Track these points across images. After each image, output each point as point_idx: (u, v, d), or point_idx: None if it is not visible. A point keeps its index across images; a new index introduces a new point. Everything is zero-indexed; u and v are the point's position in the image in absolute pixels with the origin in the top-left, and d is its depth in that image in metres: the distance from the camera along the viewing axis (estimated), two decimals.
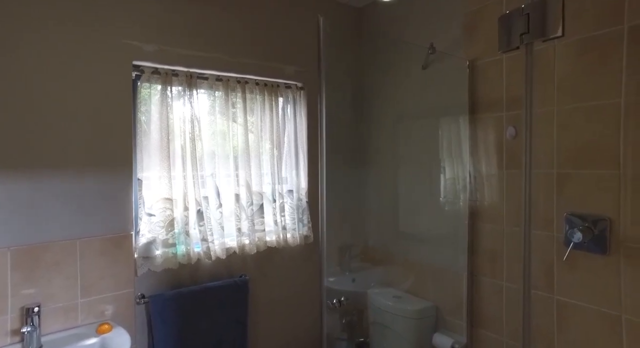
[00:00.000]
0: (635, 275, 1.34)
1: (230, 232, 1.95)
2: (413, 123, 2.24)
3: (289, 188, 2.17)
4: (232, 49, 1.94)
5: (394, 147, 2.36)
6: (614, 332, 1.40)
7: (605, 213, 1.40)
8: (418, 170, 2.21)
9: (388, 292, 2.16)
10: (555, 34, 0.72)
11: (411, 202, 2.26)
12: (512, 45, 0.80)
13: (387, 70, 2.32)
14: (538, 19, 0.71)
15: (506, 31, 0.80)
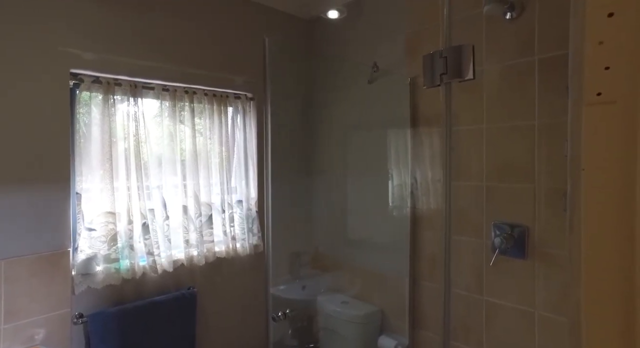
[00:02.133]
0: (546, 275, 1.52)
1: (177, 244, 1.92)
2: (361, 133, 2.34)
3: (238, 199, 2.18)
4: (179, 58, 1.91)
5: (343, 156, 2.44)
6: (530, 326, 1.57)
7: (524, 222, 1.57)
8: (366, 179, 2.31)
9: (337, 298, 2.24)
10: (468, 77, 0.82)
11: (359, 209, 2.36)
12: (434, 82, 0.88)
13: (335, 82, 2.40)
14: (454, 62, 0.79)
15: (429, 69, 0.88)
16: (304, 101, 2.53)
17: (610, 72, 0.42)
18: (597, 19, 0.43)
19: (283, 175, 2.34)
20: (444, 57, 0.81)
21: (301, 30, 2.50)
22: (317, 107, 2.53)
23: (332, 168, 2.50)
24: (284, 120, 2.39)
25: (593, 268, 0.43)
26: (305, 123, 2.54)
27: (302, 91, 2.52)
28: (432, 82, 0.86)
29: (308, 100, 2.54)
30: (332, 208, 2.49)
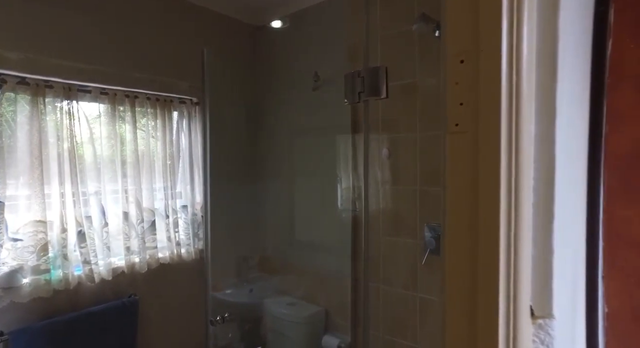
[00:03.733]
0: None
1: (118, 251, 1.87)
2: (307, 139, 2.41)
3: (183, 204, 2.16)
4: (120, 62, 1.87)
5: (290, 161, 2.49)
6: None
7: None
8: (312, 183, 2.38)
9: (283, 300, 2.29)
10: (382, 96, 0.90)
11: (306, 213, 2.42)
12: (354, 99, 0.95)
13: (282, 89, 2.45)
14: (371, 82, 0.87)
15: (350, 87, 0.95)
16: (251, 107, 2.55)
17: (463, 107, 0.51)
18: (453, 64, 0.51)
19: (229, 179, 2.35)
20: (362, 77, 0.89)
21: (248, 36, 2.53)
22: (264, 112, 2.56)
23: (279, 172, 2.55)
24: (229, 125, 2.40)
25: (451, 263, 0.52)
26: (252, 128, 2.56)
27: (249, 97, 2.55)
28: (353, 98, 0.93)
29: (255, 106, 2.56)
30: (280, 212, 2.53)
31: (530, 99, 0.48)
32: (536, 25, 0.49)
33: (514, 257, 0.47)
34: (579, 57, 0.78)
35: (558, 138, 0.49)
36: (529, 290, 0.49)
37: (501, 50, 0.46)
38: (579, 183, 0.85)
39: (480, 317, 0.48)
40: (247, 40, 2.51)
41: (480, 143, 0.48)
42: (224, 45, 2.33)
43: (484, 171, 0.48)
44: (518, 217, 0.47)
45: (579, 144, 0.85)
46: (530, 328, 0.50)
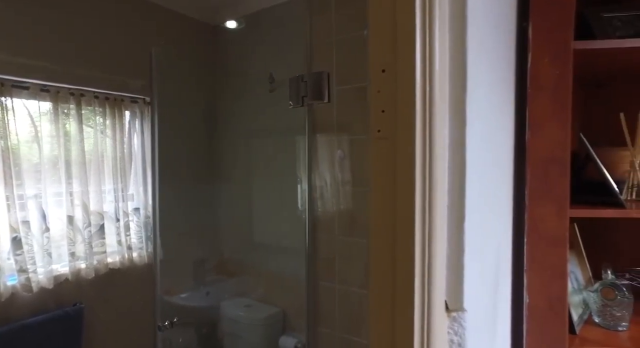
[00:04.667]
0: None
1: (61, 258, 1.78)
2: (265, 140, 2.40)
3: (135, 206, 2.09)
4: (63, 57, 1.77)
5: (248, 162, 2.48)
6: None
7: None
8: (270, 184, 2.37)
9: (240, 302, 2.27)
10: (324, 100, 0.92)
11: (264, 214, 2.41)
12: (298, 103, 0.97)
13: (238, 89, 2.43)
14: (314, 87, 0.89)
15: (294, 91, 0.97)
16: (208, 107, 2.51)
17: (385, 114, 0.54)
18: (376, 73, 0.54)
19: (184, 181, 2.30)
20: (305, 81, 0.91)
21: (205, 36, 2.48)
22: (221, 113, 2.53)
23: (237, 174, 2.52)
24: (184, 125, 2.34)
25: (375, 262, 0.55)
26: (209, 129, 2.52)
27: (205, 97, 2.50)
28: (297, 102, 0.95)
29: (212, 107, 2.52)
30: (238, 214, 2.51)
31: (444, 107, 0.52)
32: (448, 42, 0.52)
33: (428, 256, 0.50)
34: (503, 69, 0.85)
35: (469, 144, 0.53)
36: (443, 286, 0.53)
37: (415, 62, 0.49)
38: (506, 185, 0.92)
39: (398, 310, 0.51)
40: (204, 39, 2.47)
41: (398, 148, 0.51)
42: (178, 43, 2.28)
43: (401, 175, 0.51)
44: (432, 219, 0.50)
45: (506, 149, 0.92)
46: (446, 321, 0.54)
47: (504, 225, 0.89)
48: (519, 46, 0.95)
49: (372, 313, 0.54)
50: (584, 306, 1.05)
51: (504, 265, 0.87)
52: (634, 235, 1.24)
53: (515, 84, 0.95)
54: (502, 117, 0.82)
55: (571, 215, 0.89)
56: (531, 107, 0.91)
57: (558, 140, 0.89)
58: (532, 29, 0.90)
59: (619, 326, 0.96)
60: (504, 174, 0.88)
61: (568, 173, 0.88)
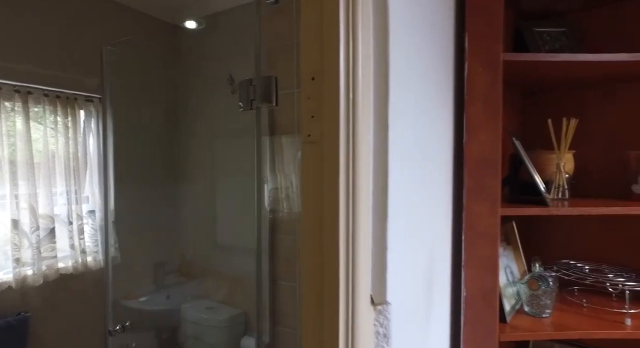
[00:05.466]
0: None
1: (4, 264, 1.69)
2: (227, 141, 2.39)
3: (90, 209, 2.02)
4: (5, 52, 1.69)
5: (211, 163, 2.45)
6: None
7: None
8: (233, 185, 2.37)
9: (202, 304, 2.24)
10: (273, 104, 0.95)
11: (227, 215, 2.40)
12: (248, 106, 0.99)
13: (201, 89, 2.41)
14: (262, 91, 0.91)
15: (244, 94, 0.99)
16: (169, 108, 2.47)
17: (314, 120, 0.57)
18: (306, 81, 0.57)
19: (143, 182, 2.25)
20: (254, 85, 0.93)
21: (166, 35, 2.44)
22: (183, 114, 2.49)
23: (200, 175, 2.50)
24: (142, 126, 2.29)
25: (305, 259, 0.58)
26: (170, 130, 2.48)
27: (166, 97, 2.46)
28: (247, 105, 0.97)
29: (173, 107, 2.48)
30: (201, 215, 2.48)
31: (368, 113, 0.56)
32: (372, 53, 0.56)
33: (352, 254, 0.54)
34: (441, 77, 0.91)
35: (392, 148, 0.58)
36: (369, 281, 0.57)
37: (339, 71, 0.53)
38: (446, 185, 0.98)
39: (326, 304, 0.55)
40: (164, 38, 2.42)
41: (325, 152, 0.55)
42: (137, 42, 2.23)
43: (327, 177, 0.54)
44: (356, 218, 0.54)
45: (446, 152, 0.98)
46: (372, 314, 0.58)
47: (443, 223, 0.95)
48: (457, 55, 1.01)
49: (303, 307, 0.57)
50: (517, 297, 1.13)
51: (443, 260, 0.93)
52: (562, 231, 1.35)
53: (454, 91, 1.01)
54: (440, 121, 0.88)
55: (502, 213, 0.96)
56: (468, 113, 0.98)
57: (490, 143, 0.96)
58: (468, 40, 0.97)
59: (543, 313, 1.05)
60: (442, 175, 0.94)
61: (499, 174, 0.96)
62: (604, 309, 1.10)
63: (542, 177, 1.19)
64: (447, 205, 0.99)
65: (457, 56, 1.01)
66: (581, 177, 1.31)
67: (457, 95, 1.02)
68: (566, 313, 1.10)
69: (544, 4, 1.27)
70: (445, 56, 0.94)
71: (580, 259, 1.29)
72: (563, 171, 1.16)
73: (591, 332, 0.98)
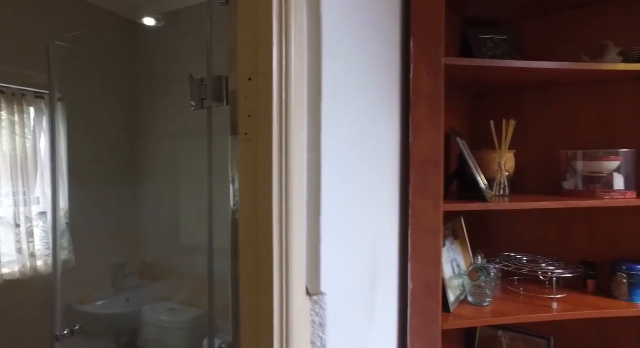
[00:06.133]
0: None
1: None
2: (190, 140, 2.36)
3: (41, 210, 1.94)
4: None
5: (174, 162, 2.41)
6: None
7: None
8: (197, 185, 2.34)
9: (163, 306, 2.20)
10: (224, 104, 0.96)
11: (191, 215, 2.37)
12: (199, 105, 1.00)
13: (162, 88, 2.36)
14: (213, 90, 0.92)
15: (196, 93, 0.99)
16: (128, 105, 2.40)
17: (251, 119, 0.59)
18: (243, 81, 0.59)
19: (100, 182, 2.18)
20: (205, 84, 0.93)
21: (125, 31, 2.37)
22: (144, 112, 2.44)
23: (162, 174, 2.45)
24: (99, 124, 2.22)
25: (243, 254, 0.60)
26: (131, 129, 2.42)
27: (126, 94, 2.39)
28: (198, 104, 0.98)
29: (132, 105, 2.42)
30: (163, 215, 2.43)
31: (302, 113, 0.59)
32: (306, 57, 0.59)
33: (286, 247, 0.56)
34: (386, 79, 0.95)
35: (325, 147, 0.61)
36: (303, 273, 0.60)
37: (272, 73, 0.55)
38: (393, 183, 1.03)
39: (261, 296, 0.57)
40: (124, 35, 2.36)
41: (259, 149, 0.57)
42: (92, 37, 2.16)
43: (262, 174, 0.57)
44: (289, 213, 0.57)
45: (393, 151, 1.03)
46: (308, 304, 0.61)
47: (390, 219, 1.00)
48: (403, 59, 1.06)
49: (241, 300, 0.59)
50: (462, 288, 1.20)
51: (389, 254, 0.98)
52: (507, 226, 1.44)
53: (401, 93, 1.06)
54: (384, 122, 0.92)
55: (444, 209, 1.02)
56: (413, 114, 1.03)
57: (434, 143, 1.01)
58: (413, 45, 1.02)
59: (484, 302, 1.12)
60: (387, 173, 0.99)
61: (442, 172, 1.01)
62: (536, 296, 1.18)
63: (486, 175, 1.26)
64: (394, 202, 1.04)
65: (404, 60, 1.06)
66: (522, 175, 1.40)
67: (404, 97, 1.07)
68: (505, 301, 1.18)
69: (488, 12, 1.35)
70: (391, 60, 0.99)
71: (522, 251, 1.39)
72: (504, 169, 1.24)
73: (523, 316, 1.06)
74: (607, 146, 1.26)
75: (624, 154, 1.14)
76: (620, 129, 1.25)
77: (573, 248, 1.31)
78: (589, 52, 1.22)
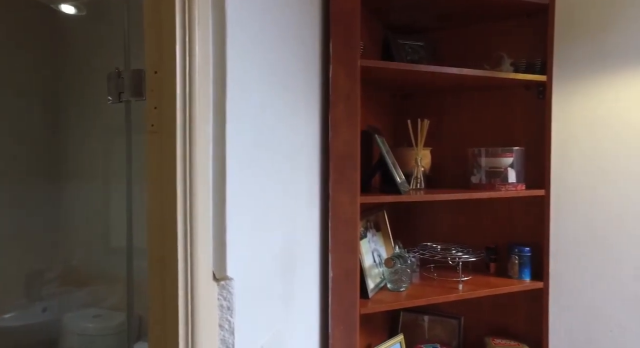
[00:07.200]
0: None
1: None
2: (121, 137, 2.25)
3: None
4: None
5: (102, 159, 2.28)
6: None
7: None
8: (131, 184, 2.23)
9: (88, 313, 2.08)
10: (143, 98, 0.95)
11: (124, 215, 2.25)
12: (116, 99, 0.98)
13: (87, 80, 2.23)
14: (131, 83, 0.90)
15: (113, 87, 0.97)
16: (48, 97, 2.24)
17: (157, 111, 0.61)
18: (149, 74, 0.61)
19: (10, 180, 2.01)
20: (122, 78, 0.92)
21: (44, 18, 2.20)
22: (67, 105, 2.28)
23: (89, 172, 2.31)
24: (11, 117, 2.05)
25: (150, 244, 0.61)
26: (52, 124, 2.25)
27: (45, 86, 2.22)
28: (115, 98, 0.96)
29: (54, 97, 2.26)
30: (91, 216, 2.29)
31: (206, 107, 0.61)
32: (211, 53, 0.62)
33: (190, 235, 0.59)
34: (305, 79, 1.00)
35: (231, 140, 0.64)
36: (210, 259, 0.63)
37: (176, 67, 0.57)
38: (314, 177, 1.08)
39: (167, 281, 0.59)
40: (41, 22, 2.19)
41: (164, 140, 0.59)
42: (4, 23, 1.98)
43: (166, 165, 0.58)
44: (194, 203, 0.59)
45: (313, 146, 1.08)
46: (216, 288, 0.64)
47: (310, 211, 1.05)
48: (323, 61, 1.12)
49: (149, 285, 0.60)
50: (382, 276, 1.29)
51: (310, 244, 1.03)
52: (427, 218, 1.57)
53: (321, 93, 1.12)
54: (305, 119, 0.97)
55: (361, 201, 1.09)
56: (332, 112, 1.10)
57: (351, 140, 1.09)
58: (332, 47, 1.09)
59: (401, 288, 1.22)
60: (307, 168, 1.04)
61: (358, 167, 1.09)
62: (447, 280, 1.31)
63: (405, 170, 1.37)
64: (315, 195, 1.09)
65: (324, 62, 1.12)
66: (438, 171, 1.54)
67: (324, 96, 1.14)
68: (421, 286, 1.29)
69: (407, 21, 1.47)
70: (311, 61, 1.04)
71: (439, 241, 1.52)
72: (420, 165, 1.36)
73: (433, 298, 1.17)
74: (508, 145, 1.43)
75: (516, 152, 1.31)
76: (517, 129, 1.43)
77: (480, 236, 1.47)
78: (490, 62, 1.38)
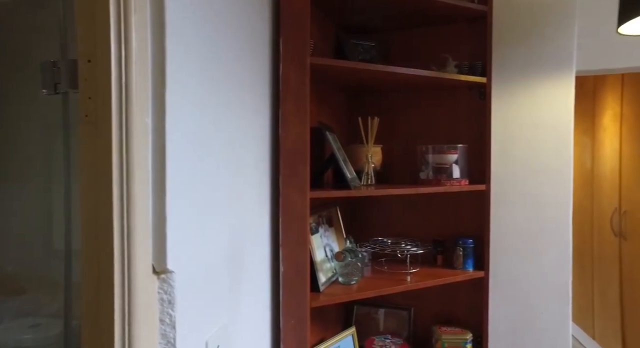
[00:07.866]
0: None
1: None
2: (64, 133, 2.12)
3: None
4: None
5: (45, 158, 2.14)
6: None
7: None
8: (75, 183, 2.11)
9: (24, 323, 1.93)
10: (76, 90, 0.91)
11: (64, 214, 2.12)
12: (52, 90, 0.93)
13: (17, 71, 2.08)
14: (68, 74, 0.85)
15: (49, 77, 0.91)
16: None
17: (91, 101, 0.59)
18: (83, 63, 0.59)
19: None
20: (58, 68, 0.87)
21: None
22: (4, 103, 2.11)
23: (29, 171, 2.15)
24: None
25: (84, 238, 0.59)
26: None
27: None
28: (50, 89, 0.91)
29: None
30: (31, 219, 2.14)
31: (144, 98, 0.60)
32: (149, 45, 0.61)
33: (127, 228, 0.57)
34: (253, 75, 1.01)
35: (171, 131, 0.63)
36: (149, 252, 0.61)
37: (110, 55, 0.56)
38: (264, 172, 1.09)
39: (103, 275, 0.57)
40: None
41: (99, 131, 0.57)
42: None
43: (102, 156, 0.57)
44: (131, 195, 0.58)
45: (263, 142, 1.08)
46: (156, 282, 0.63)
47: (260, 206, 1.06)
48: (273, 57, 1.13)
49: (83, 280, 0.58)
50: (334, 271, 1.32)
51: (260, 239, 1.04)
52: (380, 214, 1.62)
53: (271, 89, 1.13)
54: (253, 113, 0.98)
55: (311, 196, 1.11)
56: (282, 109, 1.11)
57: (300, 135, 1.10)
58: (282, 43, 1.10)
59: (352, 281, 1.25)
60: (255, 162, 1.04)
61: (308, 162, 1.11)
62: (397, 272, 1.37)
63: (356, 167, 1.41)
64: (265, 190, 1.10)
65: (274, 58, 1.13)
66: (389, 167, 1.60)
67: (274, 93, 1.15)
68: (371, 279, 1.33)
69: (358, 21, 1.51)
70: (261, 57, 1.05)
71: (392, 235, 1.58)
72: (370, 162, 1.40)
73: (383, 290, 1.22)
74: (454, 142, 1.51)
75: (460, 149, 1.39)
76: (462, 128, 1.51)
77: (429, 230, 1.54)
78: (436, 63, 1.45)
